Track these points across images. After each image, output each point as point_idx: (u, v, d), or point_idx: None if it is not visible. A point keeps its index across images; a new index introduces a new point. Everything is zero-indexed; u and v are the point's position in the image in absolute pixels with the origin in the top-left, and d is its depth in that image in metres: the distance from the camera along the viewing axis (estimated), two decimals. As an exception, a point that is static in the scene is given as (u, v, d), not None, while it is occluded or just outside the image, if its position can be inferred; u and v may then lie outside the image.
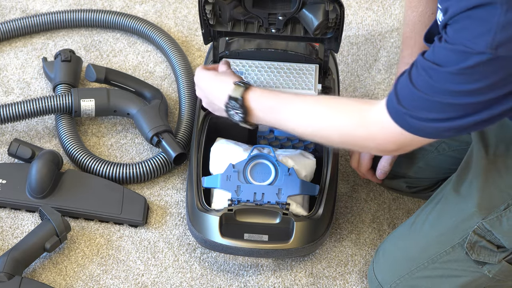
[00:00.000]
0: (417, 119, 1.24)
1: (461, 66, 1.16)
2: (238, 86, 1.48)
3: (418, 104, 1.23)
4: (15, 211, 1.80)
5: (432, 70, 1.20)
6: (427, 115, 1.23)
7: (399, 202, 1.86)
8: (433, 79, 1.20)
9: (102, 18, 2.10)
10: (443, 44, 1.19)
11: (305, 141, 1.79)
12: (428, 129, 1.24)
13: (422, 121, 1.24)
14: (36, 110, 1.84)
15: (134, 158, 1.91)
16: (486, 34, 1.11)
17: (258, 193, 1.64)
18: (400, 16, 2.21)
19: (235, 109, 1.49)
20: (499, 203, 1.41)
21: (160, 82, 2.05)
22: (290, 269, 1.74)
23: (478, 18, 1.13)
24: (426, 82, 1.21)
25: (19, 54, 2.08)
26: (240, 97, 1.47)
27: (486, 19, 1.12)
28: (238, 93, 1.47)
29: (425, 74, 1.21)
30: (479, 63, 1.14)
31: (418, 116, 1.23)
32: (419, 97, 1.22)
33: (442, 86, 1.19)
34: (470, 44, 1.14)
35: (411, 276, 1.54)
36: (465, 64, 1.15)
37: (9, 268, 1.61)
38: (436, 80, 1.19)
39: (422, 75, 1.22)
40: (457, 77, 1.17)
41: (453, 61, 1.17)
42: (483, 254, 1.45)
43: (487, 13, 1.11)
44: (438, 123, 1.23)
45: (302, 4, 1.54)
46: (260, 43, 1.77)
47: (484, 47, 1.12)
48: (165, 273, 1.72)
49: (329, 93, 1.76)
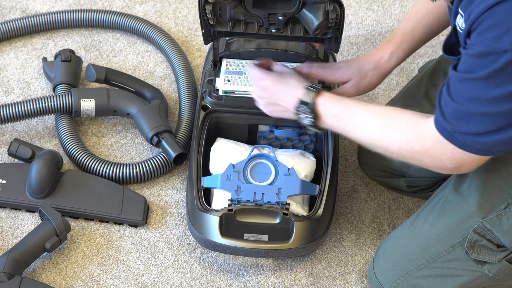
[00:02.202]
0: (463, 134, 1.24)
1: (489, 69, 1.15)
2: (309, 91, 1.49)
3: (460, 118, 1.23)
4: (15, 211, 1.80)
5: (464, 80, 1.20)
6: (470, 129, 1.23)
7: (399, 202, 1.86)
8: (466, 88, 1.20)
9: (102, 18, 2.10)
10: (469, 50, 1.18)
11: (305, 141, 1.79)
12: (476, 144, 1.25)
13: (468, 136, 1.24)
14: (36, 110, 1.84)
15: (134, 158, 1.91)
16: (510, 31, 1.10)
17: (258, 193, 1.64)
18: (400, 16, 2.21)
19: (305, 113, 1.50)
20: (499, 202, 1.41)
21: (160, 82, 2.05)
22: (290, 269, 1.74)
23: (500, 15, 1.11)
24: (461, 93, 1.21)
25: (19, 54, 2.08)
26: (311, 102, 1.48)
27: (508, 15, 1.10)
28: (309, 98, 1.49)
29: (460, 85, 1.21)
30: (507, 63, 1.13)
31: (463, 131, 1.24)
32: (459, 111, 1.22)
33: (475, 94, 1.19)
34: (495, 44, 1.13)
35: (411, 276, 1.54)
36: (494, 67, 1.15)
37: (9, 268, 1.61)
38: (469, 88, 1.19)
39: (457, 87, 1.22)
40: (488, 81, 1.16)
41: (481, 65, 1.16)
42: (483, 253, 1.45)
43: (509, 8, 1.10)
44: (483, 137, 1.23)
45: (302, 4, 1.54)
46: (260, 43, 1.77)
47: (509, 44, 1.11)
48: (165, 273, 1.72)
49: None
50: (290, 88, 1.54)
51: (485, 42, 1.15)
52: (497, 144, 1.24)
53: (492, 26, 1.13)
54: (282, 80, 1.56)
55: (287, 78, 1.56)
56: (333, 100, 1.48)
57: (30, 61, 2.07)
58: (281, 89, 1.55)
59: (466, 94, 1.21)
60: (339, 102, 1.47)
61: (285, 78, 1.56)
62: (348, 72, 1.63)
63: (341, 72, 1.64)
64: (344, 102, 1.47)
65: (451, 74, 1.24)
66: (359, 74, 1.63)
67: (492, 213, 1.41)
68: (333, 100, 1.48)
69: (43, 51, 2.09)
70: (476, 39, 1.17)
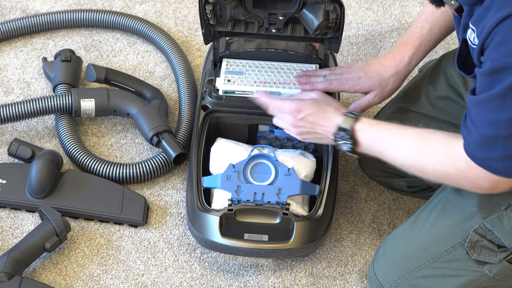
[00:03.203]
0: (495, 161, 1.24)
1: (503, 85, 1.15)
2: (347, 117, 1.50)
3: (485, 144, 1.23)
4: (15, 211, 1.80)
5: (482, 102, 1.19)
6: (497, 154, 1.22)
7: (399, 202, 1.86)
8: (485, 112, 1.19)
9: (102, 18, 2.10)
10: (484, 69, 1.18)
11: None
12: (509, 169, 1.24)
13: (500, 162, 1.23)
14: (36, 110, 1.84)
15: (134, 158, 1.91)
16: None
17: (258, 193, 1.64)
18: (400, 16, 2.21)
19: (344, 140, 1.50)
20: (500, 203, 1.41)
21: (160, 82, 2.05)
22: (290, 269, 1.74)
23: (510, 29, 1.11)
24: (481, 118, 1.21)
25: (19, 54, 2.08)
26: (350, 129, 1.49)
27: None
28: (348, 125, 1.49)
29: (479, 110, 1.21)
30: None
31: (492, 157, 1.23)
32: (483, 137, 1.22)
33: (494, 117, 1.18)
34: (507, 59, 1.12)
35: (412, 276, 1.53)
36: (507, 83, 1.14)
37: (9, 268, 1.61)
38: (488, 112, 1.19)
39: (477, 112, 1.22)
40: (504, 100, 1.16)
41: (495, 82, 1.16)
42: (483, 254, 1.45)
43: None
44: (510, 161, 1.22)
45: (303, 4, 1.54)
46: (260, 43, 1.77)
47: None
48: (165, 273, 1.72)
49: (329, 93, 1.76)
50: (329, 116, 1.53)
51: (497, 57, 1.14)
52: None
53: (503, 41, 1.13)
54: (319, 109, 1.55)
55: (323, 106, 1.55)
56: (370, 125, 1.48)
57: (30, 61, 2.07)
58: (320, 118, 1.54)
59: (486, 118, 1.21)
60: (377, 127, 1.47)
61: (321, 107, 1.55)
62: (369, 82, 1.63)
63: (362, 83, 1.63)
64: (381, 127, 1.47)
65: (470, 100, 1.24)
66: (380, 84, 1.63)
67: (492, 213, 1.41)
68: (370, 126, 1.48)
69: (43, 51, 2.09)
70: (489, 55, 1.16)
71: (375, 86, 1.63)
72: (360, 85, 1.64)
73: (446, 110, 1.65)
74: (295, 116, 1.56)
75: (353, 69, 1.65)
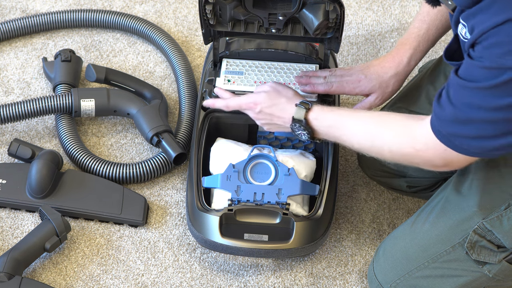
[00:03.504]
0: (460, 138, 1.25)
1: (493, 82, 1.17)
2: (299, 108, 1.53)
3: (458, 122, 1.24)
4: (15, 211, 1.80)
5: (466, 87, 1.21)
6: (468, 133, 1.24)
7: (399, 202, 1.86)
8: (467, 95, 1.21)
9: (102, 18, 2.10)
10: (474, 61, 1.19)
11: (305, 141, 1.79)
12: (472, 148, 1.26)
13: (465, 140, 1.25)
14: (36, 110, 1.84)
15: (134, 158, 1.91)
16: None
17: (258, 193, 1.64)
18: (400, 16, 2.21)
19: (300, 130, 1.54)
20: (499, 203, 1.41)
21: (160, 82, 2.05)
22: (290, 269, 1.74)
23: (508, 34, 1.13)
24: (462, 99, 1.22)
25: (19, 54, 2.08)
26: (303, 119, 1.52)
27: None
28: (301, 115, 1.52)
29: (461, 92, 1.22)
30: (511, 79, 1.15)
31: (460, 134, 1.25)
32: (457, 115, 1.24)
33: (477, 101, 1.20)
34: (501, 60, 1.14)
35: (411, 276, 1.54)
36: (497, 80, 1.16)
37: (9, 268, 1.61)
38: (470, 95, 1.21)
39: (458, 93, 1.23)
40: (490, 92, 1.18)
41: (485, 77, 1.18)
42: (483, 254, 1.45)
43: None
44: (480, 142, 1.24)
45: (303, 4, 1.54)
46: (260, 43, 1.77)
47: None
48: (165, 273, 1.72)
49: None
50: (283, 107, 1.57)
51: (492, 57, 1.16)
52: (495, 149, 1.25)
53: (499, 43, 1.15)
54: (273, 102, 1.58)
55: (276, 98, 1.58)
56: (324, 113, 1.51)
57: (30, 61, 2.07)
58: (275, 110, 1.58)
59: (467, 100, 1.22)
60: (330, 113, 1.51)
61: (275, 99, 1.58)
62: (370, 84, 1.64)
63: (362, 86, 1.65)
64: (335, 113, 1.51)
65: (453, 79, 1.25)
66: (380, 86, 1.64)
67: (492, 213, 1.42)
68: (324, 113, 1.51)
69: (43, 51, 2.09)
70: (482, 53, 1.18)
71: (375, 88, 1.64)
72: (361, 87, 1.64)
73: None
74: (254, 109, 1.60)
75: (353, 72, 1.66)
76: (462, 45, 1.28)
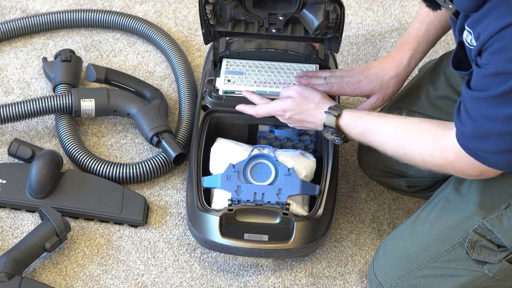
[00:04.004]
0: (486, 152, 1.26)
1: (500, 89, 1.16)
2: (329, 116, 1.54)
3: (479, 136, 1.24)
4: (15, 211, 1.80)
5: (478, 98, 1.21)
6: (489, 147, 1.24)
7: (399, 202, 1.86)
8: (481, 106, 1.21)
9: (102, 18, 2.10)
10: (481, 69, 1.19)
11: (305, 141, 1.79)
12: (499, 161, 1.26)
13: (491, 154, 1.25)
14: (36, 110, 1.84)
15: (134, 158, 1.91)
16: None
17: (258, 193, 1.64)
18: (400, 16, 2.21)
19: (333, 135, 1.55)
20: (499, 203, 1.41)
21: (160, 82, 2.05)
22: (290, 269, 1.74)
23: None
24: (478, 111, 1.22)
25: (19, 54, 2.08)
26: (334, 126, 1.53)
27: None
28: (332, 123, 1.53)
29: (475, 104, 1.22)
30: None
31: (484, 149, 1.25)
32: (477, 129, 1.24)
33: (491, 112, 1.20)
34: (507, 66, 1.14)
35: (411, 276, 1.54)
36: (505, 87, 1.16)
37: (9, 268, 1.61)
38: (483, 107, 1.20)
39: (473, 105, 1.23)
40: (500, 100, 1.17)
41: (493, 85, 1.17)
42: (483, 254, 1.45)
43: None
44: (503, 155, 1.24)
45: (303, 4, 1.54)
46: (260, 43, 1.77)
47: None
48: (165, 273, 1.72)
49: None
50: (312, 114, 1.58)
51: (498, 63, 1.16)
52: None
53: (504, 48, 1.14)
54: (301, 109, 1.59)
55: (304, 105, 1.59)
56: (354, 119, 1.52)
57: (30, 61, 2.07)
58: (305, 116, 1.59)
59: (483, 112, 1.22)
60: (361, 120, 1.51)
61: (302, 106, 1.59)
62: (370, 86, 1.64)
63: (362, 87, 1.65)
64: (365, 118, 1.50)
65: (465, 92, 1.25)
66: (381, 87, 1.64)
67: (492, 213, 1.42)
68: (354, 120, 1.52)
69: (43, 51, 2.09)
70: (488, 59, 1.18)
71: (376, 89, 1.64)
72: (361, 89, 1.64)
73: (446, 110, 1.66)
74: (283, 117, 1.62)
75: (353, 73, 1.66)
76: (469, 53, 1.27)
